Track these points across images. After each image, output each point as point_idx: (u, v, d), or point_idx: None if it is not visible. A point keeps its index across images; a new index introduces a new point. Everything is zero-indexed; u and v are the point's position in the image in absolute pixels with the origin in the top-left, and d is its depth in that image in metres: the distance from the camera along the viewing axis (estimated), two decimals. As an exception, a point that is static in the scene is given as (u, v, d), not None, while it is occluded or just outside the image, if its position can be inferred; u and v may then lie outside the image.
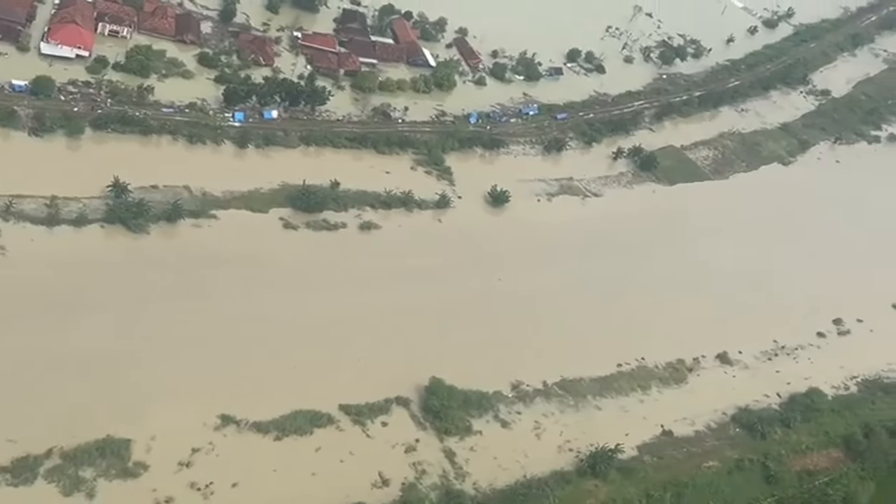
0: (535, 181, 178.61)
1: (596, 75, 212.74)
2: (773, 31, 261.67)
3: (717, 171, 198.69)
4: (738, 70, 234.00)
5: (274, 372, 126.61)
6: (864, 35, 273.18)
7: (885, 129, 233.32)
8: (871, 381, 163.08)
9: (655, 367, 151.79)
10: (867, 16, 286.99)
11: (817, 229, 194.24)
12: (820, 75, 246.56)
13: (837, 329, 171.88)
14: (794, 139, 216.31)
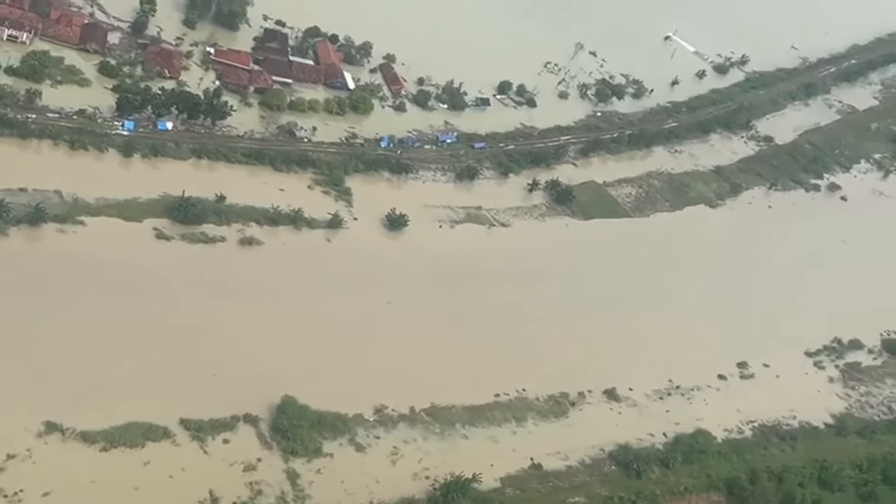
0: (441, 208, 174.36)
1: (526, 109, 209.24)
2: (724, 76, 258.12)
3: (638, 209, 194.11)
4: (679, 112, 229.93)
5: (117, 381, 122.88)
6: (820, 85, 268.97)
7: (826, 179, 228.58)
8: (768, 427, 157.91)
9: (536, 400, 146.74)
10: (826, 67, 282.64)
11: (733, 271, 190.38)
12: (766, 122, 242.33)
13: (741, 372, 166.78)
14: (726, 182, 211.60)
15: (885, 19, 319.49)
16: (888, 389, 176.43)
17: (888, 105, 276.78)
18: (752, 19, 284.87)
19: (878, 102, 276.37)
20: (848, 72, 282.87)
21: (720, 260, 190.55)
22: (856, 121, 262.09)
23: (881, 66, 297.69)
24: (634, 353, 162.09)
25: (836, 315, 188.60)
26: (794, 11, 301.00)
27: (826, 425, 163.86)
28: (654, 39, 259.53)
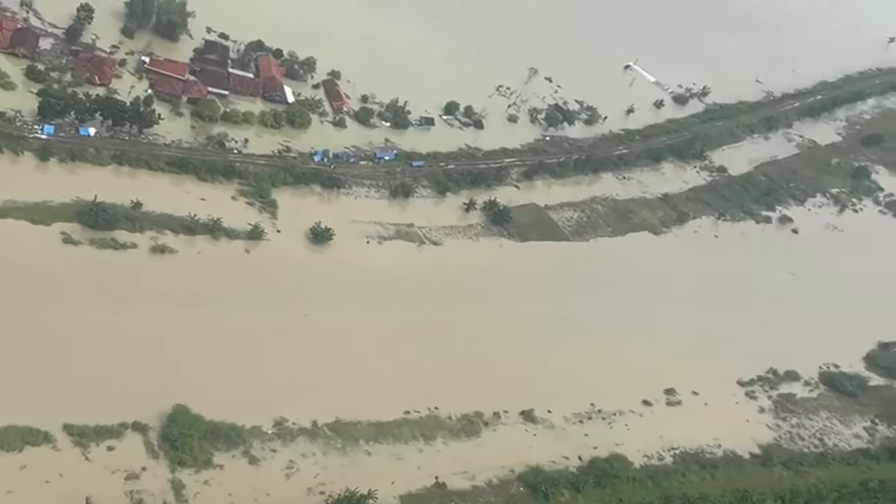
0: (371, 224, 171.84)
1: (473, 130, 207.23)
2: (683, 107, 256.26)
3: (578, 234, 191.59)
4: (631, 139, 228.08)
5: (3, 384, 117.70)
6: (781, 119, 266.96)
7: (778, 211, 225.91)
8: (690, 454, 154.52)
9: (448, 418, 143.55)
10: (790, 102, 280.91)
11: (671, 298, 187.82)
12: (721, 153, 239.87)
13: (668, 399, 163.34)
14: (672, 210, 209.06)
15: (854, 58, 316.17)
16: (821, 422, 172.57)
17: (851, 141, 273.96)
18: (718, 53, 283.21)
19: (840, 138, 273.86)
20: (812, 107, 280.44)
21: (658, 287, 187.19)
22: (816, 155, 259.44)
23: (847, 103, 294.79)
24: (559, 375, 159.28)
25: (776, 346, 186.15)
26: (762, 47, 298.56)
27: (752, 455, 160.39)
28: (615, 68, 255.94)
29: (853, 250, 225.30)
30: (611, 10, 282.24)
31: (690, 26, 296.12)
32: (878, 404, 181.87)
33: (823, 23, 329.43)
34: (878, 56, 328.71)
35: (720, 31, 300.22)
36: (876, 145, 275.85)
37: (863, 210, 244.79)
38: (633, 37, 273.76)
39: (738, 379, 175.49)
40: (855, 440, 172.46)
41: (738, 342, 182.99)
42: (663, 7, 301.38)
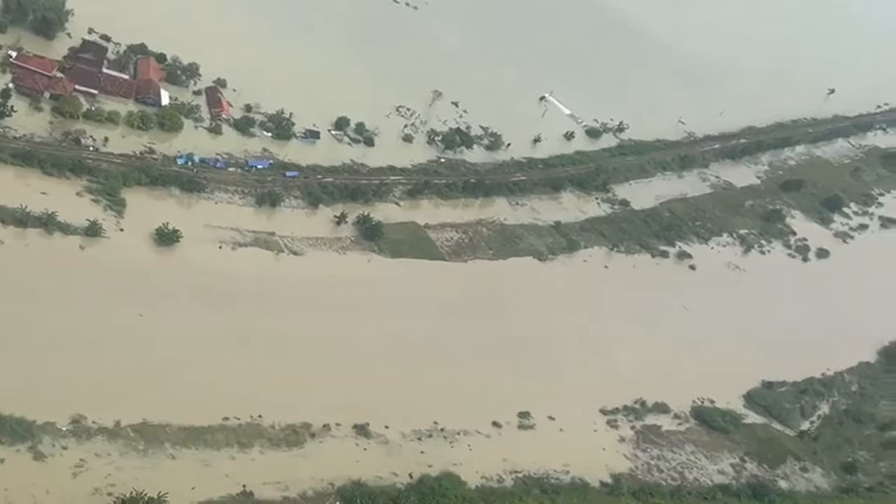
0: (228, 229, 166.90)
1: (363, 147, 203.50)
2: (596, 140, 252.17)
3: (456, 254, 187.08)
4: (533, 168, 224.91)
5: None
6: (698, 159, 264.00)
7: (678, 247, 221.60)
8: (533, 479, 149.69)
9: (271, 427, 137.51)
10: (711, 143, 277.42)
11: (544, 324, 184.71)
12: (627, 187, 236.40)
13: (520, 422, 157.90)
14: (563, 238, 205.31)
15: (791, 106, 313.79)
16: (685, 456, 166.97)
17: (770, 185, 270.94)
18: (645, 93, 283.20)
19: (759, 181, 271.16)
20: (734, 150, 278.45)
21: (532, 311, 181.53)
22: (729, 196, 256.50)
23: (774, 149, 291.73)
24: (405, 392, 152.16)
25: (652, 377, 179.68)
26: (695, 91, 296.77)
27: (601, 483, 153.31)
28: (530, 99, 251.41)
29: (752, 290, 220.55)
30: (534, 43, 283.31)
31: (620, 65, 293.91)
32: (750, 442, 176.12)
33: (765, 72, 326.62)
34: (816, 106, 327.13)
35: (653, 73, 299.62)
36: (796, 190, 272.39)
37: (770, 252, 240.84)
38: (555, 70, 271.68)
39: (601, 407, 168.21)
40: (719, 476, 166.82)
41: (610, 372, 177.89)
42: (595, 45, 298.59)
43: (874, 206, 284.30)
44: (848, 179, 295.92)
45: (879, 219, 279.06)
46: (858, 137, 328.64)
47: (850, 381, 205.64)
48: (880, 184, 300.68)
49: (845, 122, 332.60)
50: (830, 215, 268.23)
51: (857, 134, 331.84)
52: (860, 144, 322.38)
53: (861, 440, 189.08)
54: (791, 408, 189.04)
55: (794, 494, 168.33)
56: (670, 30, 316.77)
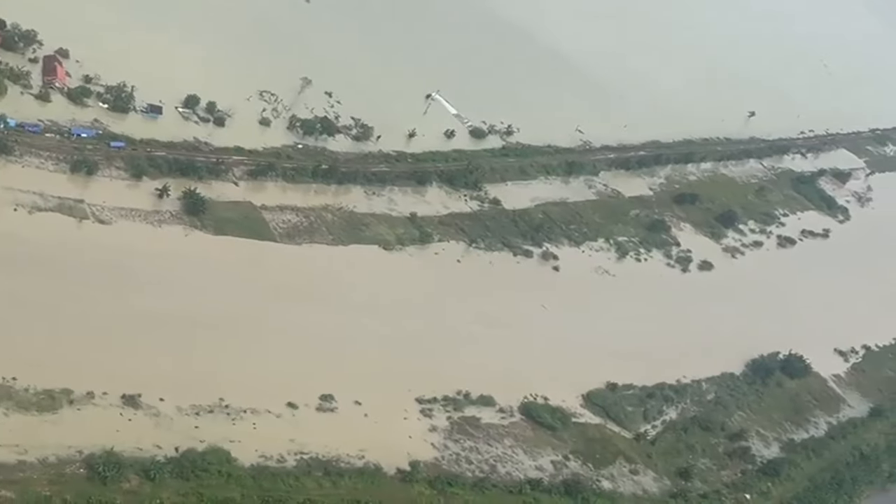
0: (30, 193, 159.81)
1: (211, 126, 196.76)
2: (479, 141, 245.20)
3: (290, 237, 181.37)
4: (400, 161, 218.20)
5: None
6: (588, 167, 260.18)
7: (545, 247, 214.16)
8: (320, 461, 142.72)
9: (25, 390, 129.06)
10: (607, 153, 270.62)
11: (382, 313, 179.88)
12: (503, 187, 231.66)
13: (320, 405, 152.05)
14: (416, 230, 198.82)
15: (706, 125, 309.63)
16: (501, 449, 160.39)
17: (663, 197, 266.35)
18: (543, 100, 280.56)
19: (652, 193, 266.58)
20: (630, 161, 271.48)
21: (366, 298, 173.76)
22: (614, 204, 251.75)
23: (676, 163, 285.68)
24: (192, 367, 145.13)
25: (485, 372, 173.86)
26: (598, 100, 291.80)
27: (398, 470, 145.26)
28: (416, 96, 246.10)
29: (619, 295, 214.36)
30: (431, 44, 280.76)
31: (521, 72, 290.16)
32: (578, 441, 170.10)
33: (685, 90, 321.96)
34: (734, 127, 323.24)
35: (555, 82, 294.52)
36: (690, 204, 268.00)
37: (647, 261, 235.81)
38: (449, 72, 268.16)
39: (418, 396, 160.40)
40: (535, 471, 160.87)
41: (438, 363, 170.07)
42: (498, 53, 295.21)
43: (774, 226, 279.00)
44: (751, 198, 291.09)
45: (777, 238, 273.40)
46: (773, 160, 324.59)
47: (707, 389, 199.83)
48: (786, 205, 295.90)
49: (761, 144, 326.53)
50: (723, 230, 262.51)
51: (773, 156, 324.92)
52: (773, 167, 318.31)
53: (706, 448, 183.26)
54: (633, 411, 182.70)
55: (615, 495, 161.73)
56: (581, 42, 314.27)
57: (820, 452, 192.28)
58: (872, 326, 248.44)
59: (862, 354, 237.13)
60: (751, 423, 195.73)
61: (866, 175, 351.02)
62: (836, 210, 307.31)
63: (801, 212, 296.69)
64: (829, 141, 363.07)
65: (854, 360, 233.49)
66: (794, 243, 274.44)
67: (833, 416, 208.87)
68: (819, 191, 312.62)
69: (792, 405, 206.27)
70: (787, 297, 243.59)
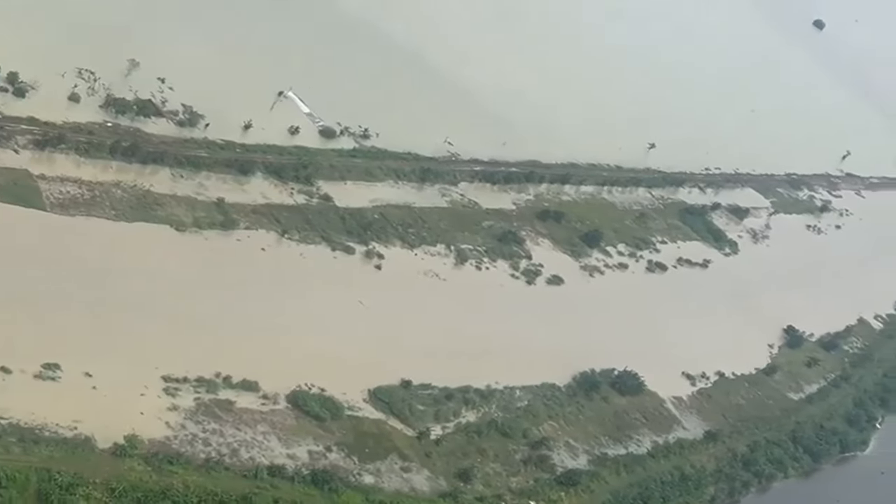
0: None
1: (10, 96, 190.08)
2: (328, 140, 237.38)
3: (63, 208, 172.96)
4: (225, 149, 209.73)
5: None
6: (446, 176, 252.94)
7: (372, 246, 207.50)
8: (20, 427, 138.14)
9: None
10: (473, 166, 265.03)
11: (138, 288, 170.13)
12: (340, 185, 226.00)
13: (41, 372, 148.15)
14: (221, 216, 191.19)
15: (594, 150, 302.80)
16: (251, 435, 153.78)
17: (525, 213, 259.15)
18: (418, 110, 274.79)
19: (515, 208, 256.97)
20: (496, 175, 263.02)
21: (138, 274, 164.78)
22: (467, 214, 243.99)
23: (552, 183, 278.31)
24: None
25: (262, 358, 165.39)
26: (482, 118, 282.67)
27: (115, 444, 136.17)
28: (268, 91, 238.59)
29: (445, 299, 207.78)
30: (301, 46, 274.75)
31: (399, 84, 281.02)
32: (348, 434, 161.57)
33: (584, 116, 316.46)
34: (630, 157, 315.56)
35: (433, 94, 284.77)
36: (554, 221, 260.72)
37: (489, 269, 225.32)
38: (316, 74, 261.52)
39: (166, 374, 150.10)
40: (287, 459, 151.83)
41: (203, 345, 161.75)
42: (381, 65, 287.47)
43: (647, 251, 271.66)
44: (628, 223, 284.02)
45: (648, 262, 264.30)
46: (666, 191, 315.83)
47: (520, 397, 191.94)
48: (667, 233, 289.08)
49: (656, 174, 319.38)
50: (586, 249, 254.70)
51: (667, 188, 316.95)
52: (664, 197, 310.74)
53: (500, 453, 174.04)
54: (425, 410, 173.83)
55: (372, 490, 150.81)
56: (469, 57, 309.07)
57: (632, 469, 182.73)
58: (733, 356, 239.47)
59: (713, 381, 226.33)
60: (561, 434, 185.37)
61: (769, 214, 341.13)
62: (724, 243, 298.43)
63: (683, 241, 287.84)
64: (735, 179, 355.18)
65: (702, 385, 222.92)
66: (665, 269, 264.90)
67: (661, 436, 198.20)
68: (708, 223, 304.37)
69: (615, 421, 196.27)
70: (641, 319, 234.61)
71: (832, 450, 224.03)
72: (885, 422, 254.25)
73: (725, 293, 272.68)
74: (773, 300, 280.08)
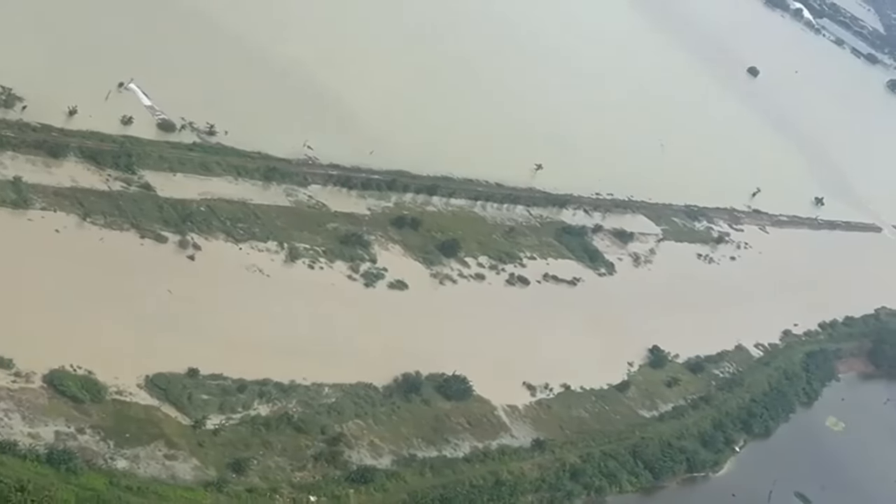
0: None
1: None
2: (166, 133, 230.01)
3: None
4: (40, 131, 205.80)
5: None
6: (296, 177, 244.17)
7: (189, 237, 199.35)
8: None
9: None
10: (330, 170, 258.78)
11: None
12: (167, 176, 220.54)
13: None
14: (14, 194, 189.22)
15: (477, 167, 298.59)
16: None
17: (380, 219, 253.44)
18: (280, 113, 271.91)
19: (369, 213, 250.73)
20: (355, 181, 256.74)
21: None
22: (311, 215, 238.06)
23: (418, 193, 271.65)
24: None
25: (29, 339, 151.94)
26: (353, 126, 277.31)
27: None
28: (108, 80, 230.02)
29: (265, 294, 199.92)
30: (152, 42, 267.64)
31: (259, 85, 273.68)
32: (108, 418, 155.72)
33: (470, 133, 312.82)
34: (514, 176, 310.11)
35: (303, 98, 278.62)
36: (411, 229, 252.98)
37: (324, 269, 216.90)
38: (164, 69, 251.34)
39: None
40: (27, 438, 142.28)
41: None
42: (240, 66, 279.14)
43: (512, 265, 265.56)
44: (496, 237, 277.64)
45: (510, 276, 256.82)
46: (548, 211, 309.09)
47: (328, 394, 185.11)
48: (538, 250, 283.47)
49: (537, 194, 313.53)
50: (441, 258, 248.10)
51: (549, 208, 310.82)
52: (543, 216, 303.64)
53: (289, 448, 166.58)
54: (208, 400, 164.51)
55: (122, 475, 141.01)
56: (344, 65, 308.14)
57: (440, 471, 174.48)
58: (585, 371, 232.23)
59: (557, 393, 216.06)
60: (366, 433, 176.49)
61: (657, 241, 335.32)
62: (600, 264, 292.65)
63: (555, 259, 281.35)
64: (627, 205, 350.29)
65: (543, 396, 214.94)
66: (527, 283, 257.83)
67: (483, 442, 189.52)
68: (585, 243, 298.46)
69: (433, 424, 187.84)
70: (488, 329, 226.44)
71: (677, 468, 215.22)
72: (746, 446, 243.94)
73: (591, 311, 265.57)
74: (643, 321, 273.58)
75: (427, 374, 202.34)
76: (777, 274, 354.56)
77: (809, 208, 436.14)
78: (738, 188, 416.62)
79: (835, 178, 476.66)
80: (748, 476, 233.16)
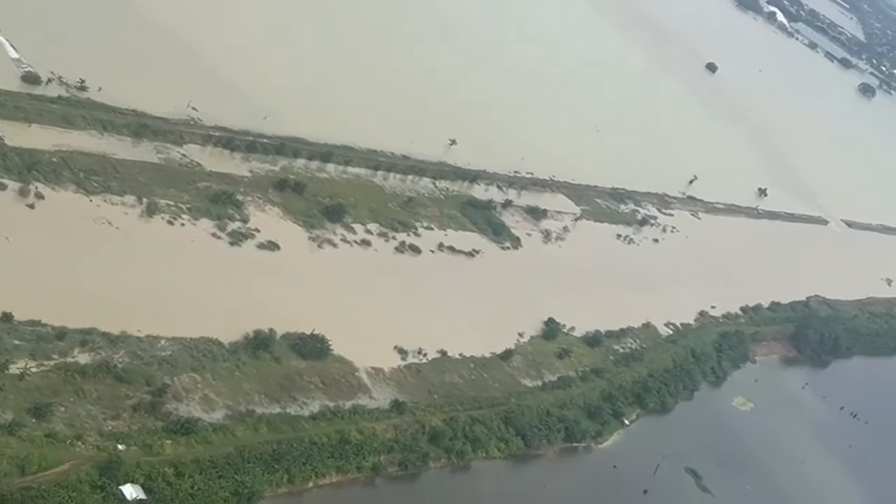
0: None
1: None
2: (31, 86, 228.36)
3: None
4: None
5: None
6: (172, 135, 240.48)
7: (34, 186, 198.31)
8: None
9: None
10: (212, 132, 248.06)
11: None
12: (20, 126, 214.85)
13: None
14: None
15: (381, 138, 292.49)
16: None
17: (261, 181, 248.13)
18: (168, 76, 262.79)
19: (249, 174, 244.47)
20: (238, 143, 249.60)
21: None
22: (182, 173, 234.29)
23: (310, 159, 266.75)
24: None
25: None
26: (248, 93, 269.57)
27: None
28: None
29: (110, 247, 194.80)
30: None
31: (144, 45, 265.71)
32: None
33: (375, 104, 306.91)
34: (424, 150, 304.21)
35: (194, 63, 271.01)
36: (294, 192, 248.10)
37: (185, 226, 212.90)
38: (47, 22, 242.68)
39: None
40: None
41: None
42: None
43: (405, 234, 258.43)
44: (392, 206, 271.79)
45: (400, 244, 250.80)
46: (457, 185, 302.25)
47: (164, 346, 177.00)
48: (438, 221, 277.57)
49: (447, 168, 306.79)
50: (325, 222, 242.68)
51: (458, 182, 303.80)
52: (449, 189, 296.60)
53: (105, 397, 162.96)
54: (19, 345, 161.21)
55: None
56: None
57: (278, 427, 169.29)
58: (468, 338, 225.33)
59: (432, 358, 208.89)
60: (201, 387, 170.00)
61: (574, 220, 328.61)
62: (505, 238, 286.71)
63: (455, 231, 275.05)
64: (547, 185, 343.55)
65: (415, 361, 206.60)
66: (419, 252, 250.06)
67: (335, 402, 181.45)
68: (490, 217, 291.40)
69: (281, 382, 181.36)
70: (365, 293, 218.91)
71: (553, 436, 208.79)
72: (639, 420, 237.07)
73: (487, 282, 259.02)
74: (542, 295, 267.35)
75: (283, 332, 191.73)
76: (703, 258, 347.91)
77: (752, 199, 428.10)
78: (676, 176, 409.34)
79: (785, 173, 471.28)
80: (636, 450, 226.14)
